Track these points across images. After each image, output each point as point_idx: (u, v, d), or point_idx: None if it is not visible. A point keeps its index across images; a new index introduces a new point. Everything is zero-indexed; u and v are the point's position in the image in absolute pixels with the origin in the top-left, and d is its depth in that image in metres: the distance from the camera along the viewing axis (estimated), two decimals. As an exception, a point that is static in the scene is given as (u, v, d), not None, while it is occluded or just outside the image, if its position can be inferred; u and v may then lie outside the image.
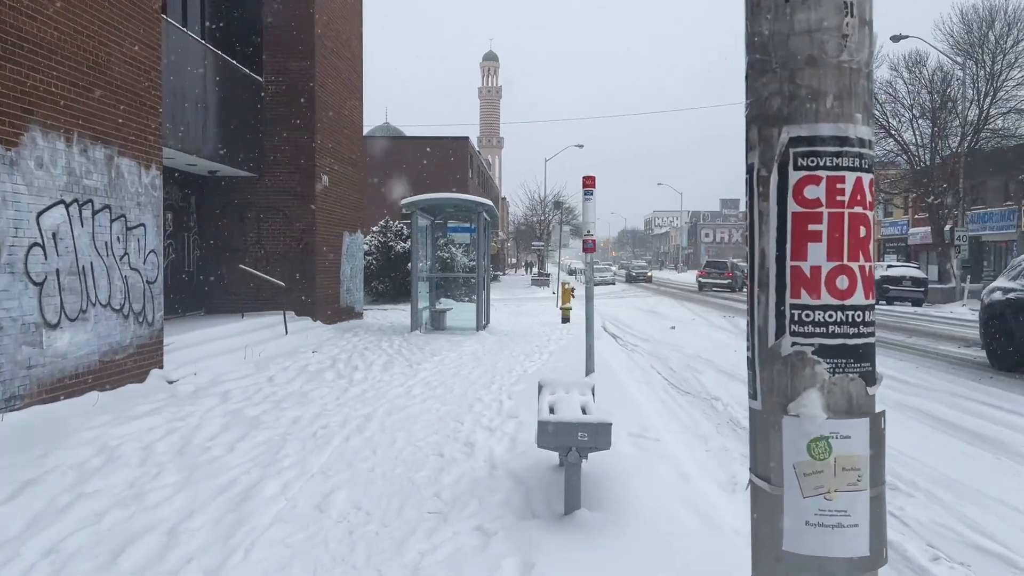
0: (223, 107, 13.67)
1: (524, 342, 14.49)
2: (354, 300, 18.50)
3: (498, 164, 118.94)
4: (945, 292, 32.85)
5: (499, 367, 11.07)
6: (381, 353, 12.27)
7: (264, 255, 15.49)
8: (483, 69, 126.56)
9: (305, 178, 15.51)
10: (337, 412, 7.61)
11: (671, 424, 7.80)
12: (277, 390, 8.78)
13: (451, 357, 11.98)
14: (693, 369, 11.89)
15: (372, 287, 25.18)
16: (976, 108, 34.10)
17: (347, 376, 9.97)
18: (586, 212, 10.02)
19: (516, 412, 7.70)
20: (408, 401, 8.29)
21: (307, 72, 15.49)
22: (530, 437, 6.55)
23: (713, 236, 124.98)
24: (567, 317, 19.40)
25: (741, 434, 7.45)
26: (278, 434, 6.59)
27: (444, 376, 10.10)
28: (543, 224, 62.11)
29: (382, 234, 25.53)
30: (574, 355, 12.35)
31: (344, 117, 17.74)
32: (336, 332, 15.15)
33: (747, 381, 2.49)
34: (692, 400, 9.36)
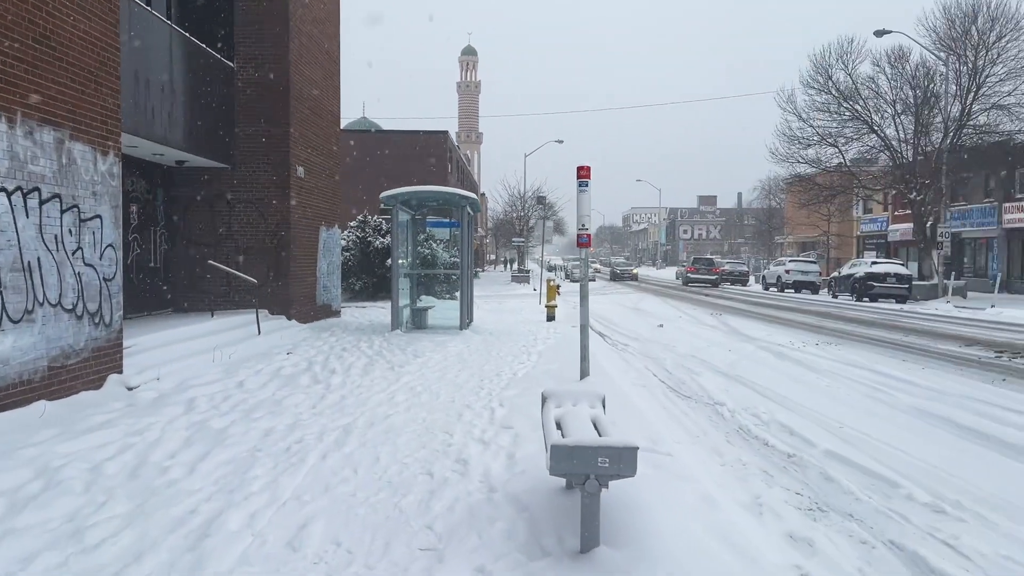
0: (192, 94, 12.85)
1: (510, 342, 13.84)
2: (331, 298, 17.74)
3: (477, 159, 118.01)
4: (927, 289, 32.65)
5: (487, 370, 10.41)
6: (360, 355, 11.55)
7: (236, 250, 14.68)
8: (461, 64, 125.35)
9: (279, 169, 14.72)
10: (313, 423, 6.90)
11: (678, 434, 7.18)
12: (248, 397, 8.05)
13: (435, 359, 11.30)
14: (690, 370, 11.31)
15: (350, 284, 24.40)
16: (959, 104, 33.93)
17: (324, 381, 9.25)
18: (580, 204, 9.37)
19: (510, 421, 7.05)
20: (391, 409, 7.61)
21: (282, 58, 14.69)
22: (529, 451, 5.91)
23: (691, 233, 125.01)
24: (552, 315, 18.80)
25: (754, 445, 6.86)
26: (247, 450, 5.88)
27: (429, 380, 9.42)
28: (523, 220, 61.43)
29: (360, 229, 24.73)
30: (565, 356, 11.74)
31: (321, 106, 16.95)
32: (312, 332, 14.40)
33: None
34: (694, 405, 8.76)
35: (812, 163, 38.95)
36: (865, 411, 8.22)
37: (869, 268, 31.20)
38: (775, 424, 7.58)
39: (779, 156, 39.40)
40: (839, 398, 8.97)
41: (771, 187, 76.43)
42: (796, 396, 9.05)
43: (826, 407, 8.38)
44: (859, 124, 36.80)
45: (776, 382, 10.07)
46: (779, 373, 10.91)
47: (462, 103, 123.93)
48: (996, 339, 15.05)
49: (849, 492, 5.39)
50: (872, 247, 52.84)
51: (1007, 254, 38.65)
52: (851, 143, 37.91)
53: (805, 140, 38.28)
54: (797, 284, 38.93)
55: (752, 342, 14.92)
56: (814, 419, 7.79)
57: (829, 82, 36.85)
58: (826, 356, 12.63)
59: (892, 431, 7.20)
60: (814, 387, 9.72)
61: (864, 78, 36.58)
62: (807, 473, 5.90)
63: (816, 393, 9.30)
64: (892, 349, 13.62)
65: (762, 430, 7.36)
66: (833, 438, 6.94)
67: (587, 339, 9.43)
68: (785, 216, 68.25)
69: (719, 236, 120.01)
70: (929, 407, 8.28)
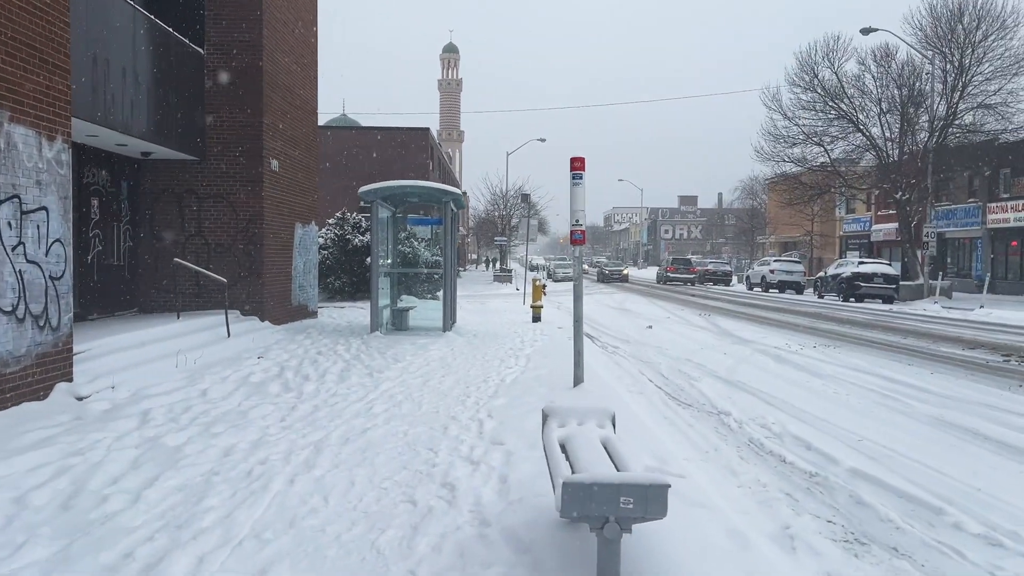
0: (158, 81, 12.04)
1: (496, 344, 13.16)
2: (307, 298, 16.95)
3: (459, 158, 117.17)
4: (913, 289, 32.37)
5: (472, 375, 9.72)
6: (337, 359, 10.82)
7: (206, 247, 13.87)
8: (443, 61, 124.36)
9: (252, 163, 13.91)
10: (281, 439, 6.18)
11: (687, 450, 6.54)
12: (210, 408, 7.30)
13: (417, 363, 10.59)
14: (687, 376, 10.69)
15: (328, 283, 23.58)
16: (945, 103, 33.69)
17: (296, 389, 8.52)
18: (574, 199, 8.71)
19: (501, 436, 6.36)
20: (369, 422, 6.90)
21: (255, 45, 13.89)
22: (524, 473, 5.24)
23: (672, 232, 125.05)
24: (538, 316, 18.13)
25: (771, 462, 6.23)
26: (202, 474, 5.15)
27: (410, 388, 8.71)
28: (505, 219, 60.71)
29: (339, 226, 23.91)
30: (554, 360, 11.08)
31: (296, 97, 16.16)
32: (287, 334, 13.62)
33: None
34: (698, 415, 8.13)
35: (798, 162, 38.62)
36: (881, 421, 7.62)
37: (856, 268, 30.84)
38: (788, 437, 6.96)
39: (764, 155, 39.07)
40: (851, 406, 8.37)
41: (753, 187, 76.43)
42: (805, 404, 8.44)
43: (839, 417, 7.77)
44: (845, 123, 36.52)
45: (780, 389, 9.47)
46: (781, 379, 10.32)
47: (443, 101, 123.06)
48: (998, 342, 14.58)
49: (888, 520, 4.76)
50: (855, 247, 52.72)
51: (991, 254, 38.55)
52: (836, 142, 37.64)
53: (791, 139, 37.95)
54: (782, 284, 38.57)
55: (747, 344, 14.35)
56: (829, 431, 7.19)
57: (815, 80, 36.53)
58: (827, 360, 12.06)
59: (918, 445, 6.60)
60: (822, 394, 9.13)
61: (850, 76, 36.33)
62: (835, 496, 5.27)
63: (825, 401, 8.70)
64: (893, 352, 13.09)
65: (776, 444, 6.73)
66: (855, 454, 6.33)
67: (581, 343, 8.77)
68: (767, 216, 68.06)
69: (700, 236, 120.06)
70: (950, 417, 7.70)
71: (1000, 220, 37.26)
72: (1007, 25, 32.28)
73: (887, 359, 12.16)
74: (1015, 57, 32.22)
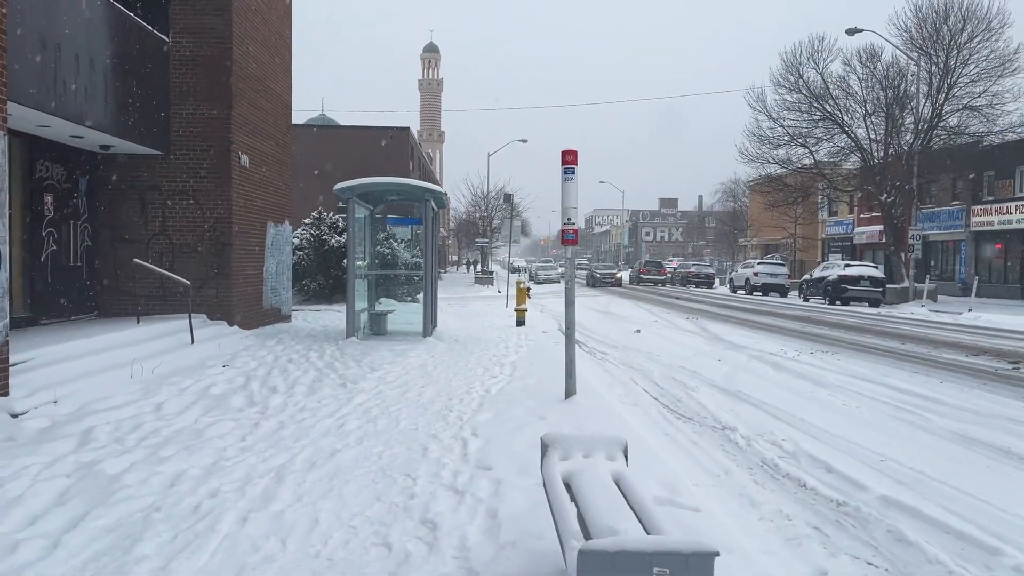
0: (117, 69, 11.22)
1: (479, 351, 12.46)
2: (280, 301, 16.15)
3: (439, 159, 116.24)
4: (898, 292, 32.07)
5: (455, 385, 9.01)
6: (309, 367, 10.06)
7: (170, 247, 13.05)
8: (423, 61, 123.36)
9: (220, 157, 13.11)
10: (238, 464, 5.44)
11: (695, 473, 5.87)
12: (162, 426, 6.54)
13: (395, 372, 9.86)
14: (683, 385, 10.05)
15: (303, 285, 22.76)
16: (930, 105, 33.44)
17: (261, 402, 7.77)
18: (566, 195, 8.03)
19: (488, 459, 5.66)
20: (339, 441, 6.18)
21: (224, 32, 13.10)
22: (516, 507, 4.55)
23: (654, 235, 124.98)
24: (522, 320, 17.44)
25: (789, 487, 5.58)
26: (141, 510, 4.41)
27: (387, 400, 7.99)
28: (486, 220, 59.99)
29: (315, 226, 23.08)
30: (542, 368, 10.40)
31: (269, 89, 15.37)
32: (257, 339, 12.83)
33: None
34: (700, 430, 7.48)
35: (782, 163, 38.24)
36: (901, 438, 7.01)
37: (842, 271, 30.41)
38: (804, 457, 6.32)
39: (749, 156, 38.66)
40: (864, 420, 7.76)
41: (734, 189, 76.28)
42: (814, 418, 7.82)
43: (854, 433, 7.15)
44: (830, 124, 36.18)
45: (785, 400, 8.85)
46: (783, 388, 9.70)
47: (424, 101, 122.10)
48: (1001, 348, 14.09)
49: (937, 562, 4.13)
50: (837, 250, 52.54)
51: (975, 257, 38.42)
52: (821, 143, 37.30)
53: (775, 140, 37.57)
54: (766, 287, 38.18)
55: (740, 350, 13.76)
56: (847, 449, 6.56)
57: (800, 81, 36.17)
58: (828, 367, 11.48)
59: (947, 466, 5.99)
60: (830, 406, 8.52)
61: (835, 77, 36.01)
62: (871, 531, 4.63)
63: (835, 414, 8.09)
64: (894, 359, 12.54)
65: (791, 465, 6.09)
66: (882, 477, 5.69)
67: (573, 351, 8.09)
68: (749, 218, 67.85)
69: (681, 238, 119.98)
70: (973, 432, 7.11)
71: (984, 223, 37.15)
72: (992, 27, 32.05)
73: (890, 366, 11.59)
74: (1000, 59, 32.01)
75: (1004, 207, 35.73)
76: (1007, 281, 35.79)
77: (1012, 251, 36.35)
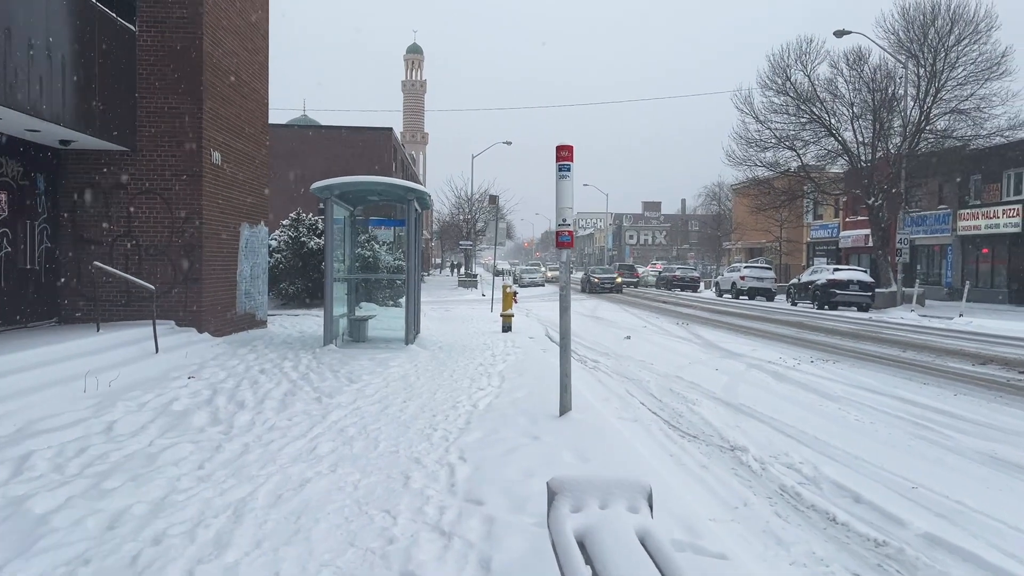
0: (78, 58, 10.47)
1: (465, 359, 11.81)
2: (255, 305, 15.39)
3: (423, 160, 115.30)
4: (886, 297, 31.73)
5: (439, 399, 8.35)
6: (282, 379, 9.35)
7: (136, 249, 12.28)
8: (407, 62, 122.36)
9: (190, 154, 12.37)
10: (192, 498, 4.75)
11: (710, 505, 5.24)
12: (111, 450, 5.83)
13: (375, 384, 9.18)
14: (682, 397, 9.44)
15: (282, 289, 21.98)
16: (918, 108, 33.19)
17: (226, 420, 7.06)
18: (561, 193, 7.40)
19: (477, 490, 5.01)
20: (310, 469, 5.50)
21: (195, 22, 12.36)
22: (513, 552, 3.90)
23: (637, 238, 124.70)
24: (508, 325, 16.81)
25: (818, 522, 4.97)
26: (65, 563, 3.71)
27: (366, 417, 7.32)
28: (470, 222, 59.29)
29: (293, 228, 22.30)
30: (532, 379, 9.77)
31: (244, 84, 14.63)
32: (228, 347, 12.10)
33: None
34: (708, 451, 6.86)
35: (770, 166, 37.86)
36: (927, 460, 6.43)
37: (831, 275, 30.02)
38: (827, 483, 5.72)
39: (736, 159, 38.27)
40: (882, 439, 7.18)
41: (718, 193, 76.12)
42: (827, 435, 7.24)
43: (875, 453, 6.57)
44: (817, 127, 35.86)
45: (793, 414, 8.26)
46: (789, 401, 9.12)
47: (407, 102, 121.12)
48: (1007, 356, 13.61)
49: (1007, 622, 3.52)
50: (823, 254, 52.31)
51: (961, 262, 38.24)
52: (809, 146, 36.97)
53: (763, 143, 37.20)
54: (752, 291, 37.78)
55: (737, 358, 13.19)
56: (871, 474, 5.97)
57: (787, 83, 35.83)
58: (832, 377, 10.93)
59: (988, 495, 5.40)
60: (842, 422, 7.94)
61: (823, 80, 35.69)
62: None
63: (849, 431, 7.50)
64: (899, 368, 12.01)
65: (815, 494, 5.48)
66: (918, 509, 5.10)
67: (568, 364, 7.44)
68: (733, 221, 67.64)
69: (665, 241, 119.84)
70: (1004, 453, 6.55)
71: (971, 227, 36.94)
72: (980, 29, 31.85)
73: (897, 377, 11.05)
74: (988, 62, 31.80)
75: (991, 211, 35.54)
76: (993, 286, 35.59)
77: (999, 256, 36.17)
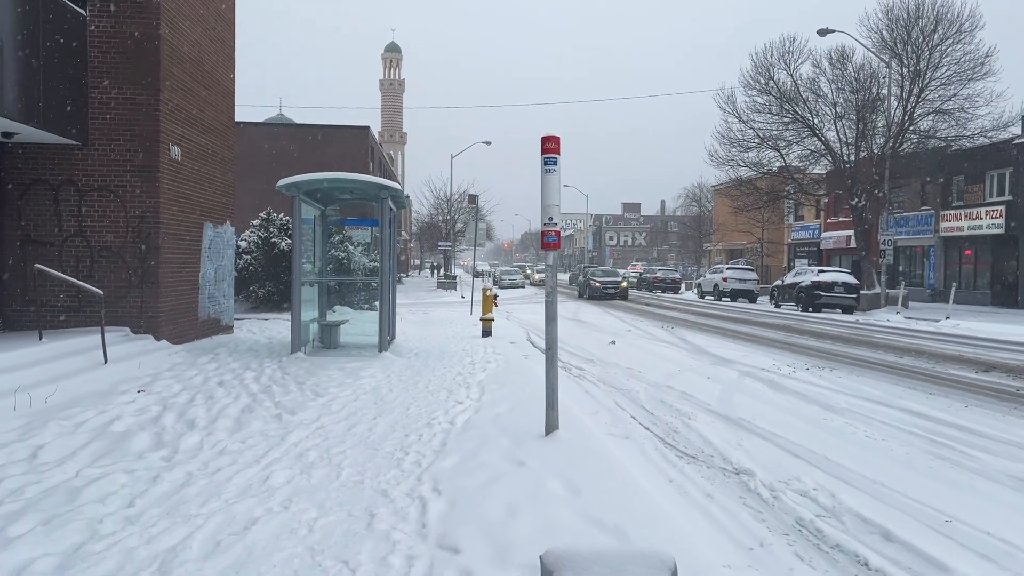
0: (24, 45, 9.62)
1: (442, 367, 11.08)
2: (220, 310, 14.55)
3: (401, 160, 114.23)
4: (870, 299, 31.37)
5: (413, 415, 7.62)
6: (241, 392, 8.56)
7: (88, 250, 11.42)
8: (385, 61, 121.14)
9: (147, 149, 11.53)
10: (112, 548, 3.98)
11: (722, 545, 4.54)
12: (29, 483, 5.04)
13: (342, 398, 8.42)
14: (676, 410, 8.77)
15: (251, 292, 21.09)
16: (901, 108, 32.87)
17: (171, 443, 6.28)
18: (547, 189, 6.69)
19: (452, 533, 4.29)
20: (260, 505, 4.74)
21: (151, 6, 11.52)
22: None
23: (617, 239, 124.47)
24: (489, 330, 16.09)
25: (844, 564, 4.30)
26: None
27: (330, 438, 6.56)
28: (449, 223, 58.47)
29: (263, 228, 21.42)
30: (514, 390, 9.05)
31: (207, 74, 13.78)
32: (188, 356, 11.27)
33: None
34: (711, 476, 6.17)
35: (753, 166, 37.41)
36: (955, 486, 5.79)
37: (816, 277, 29.61)
38: (849, 516, 5.05)
39: (718, 159, 37.76)
40: (901, 459, 6.54)
41: (698, 194, 75.90)
42: (840, 456, 6.58)
43: (896, 478, 5.92)
44: (800, 127, 35.45)
45: (797, 430, 7.61)
46: (791, 415, 8.48)
47: (385, 101, 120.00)
48: (1007, 362, 13.09)
49: None
50: (804, 255, 52.10)
51: (944, 263, 38.05)
52: (792, 146, 36.55)
53: (745, 143, 36.72)
54: (735, 292, 37.34)
55: (728, 365, 12.57)
56: (896, 503, 5.31)
57: (770, 82, 35.39)
58: (831, 387, 10.31)
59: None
60: (852, 439, 7.29)
61: (806, 79, 35.29)
62: (985, 648, 3.36)
63: (862, 450, 6.86)
64: (900, 376, 11.43)
65: (837, 530, 4.81)
66: (961, 550, 4.45)
67: (555, 378, 6.73)
68: (714, 222, 67.37)
69: (645, 243, 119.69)
70: (1037, 477, 5.93)
71: (953, 228, 36.76)
72: (964, 29, 31.58)
73: (899, 386, 10.46)
74: (972, 62, 31.54)
75: (974, 212, 35.36)
76: (976, 287, 35.40)
77: (982, 257, 36.01)
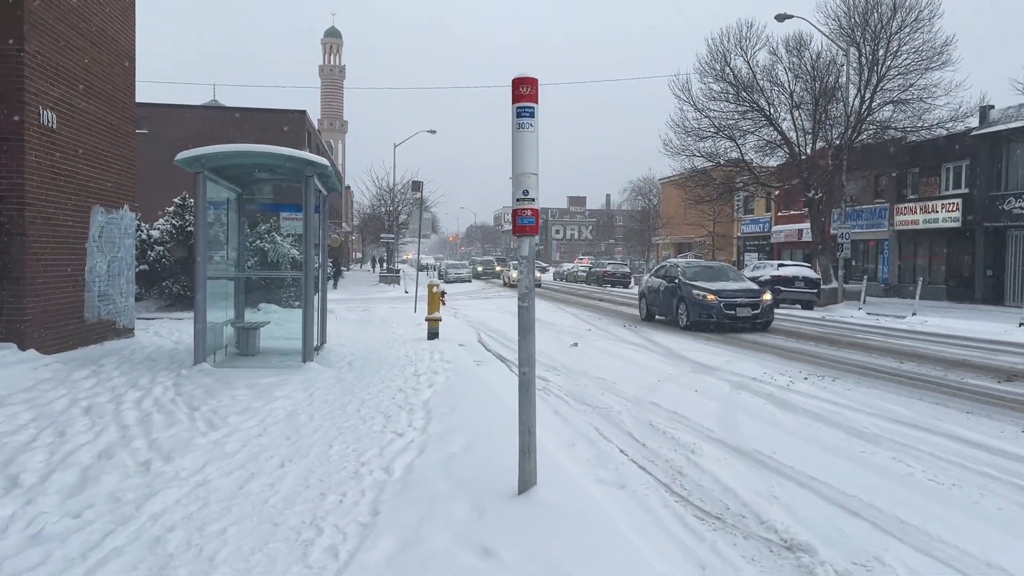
0: None
1: (379, 380, 9.14)
2: (116, 310, 12.27)
3: (342, 150, 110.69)
4: (827, 294, 30.42)
5: (334, 458, 5.66)
6: (108, 424, 6.47)
7: (-69, 239, 9.10)
8: (324, 46, 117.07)
9: (7, 112, 9.25)
10: None
11: None
12: None
13: (244, 430, 6.40)
14: (672, 439, 6.99)
15: (164, 288, 18.66)
16: (859, 98, 31.97)
17: (-38, 522, 4.20)
18: (521, 150, 4.80)
19: None
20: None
21: (13, -64, 9.23)
22: None
23: (563, 233, 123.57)
24: (435, 331, 14.13)
25: None
26: None
27: (210, 504, 4.57)
28: (392, 215, 56.08)
29: (178, 216, 18.99)
30: (469, 414, 7.16)
31: (95, 29, 11.47)
32: (61, 370, 9.05)
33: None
34: (754, 553, 4.36)
35: (708, 156, 36.14)
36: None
37: (776, 271, 28.43)
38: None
39: (673, 148, 36.39)
40: (993, 519, 4.87)
41: (644, 188, 75.05)
42: (913, 515, 4.87)
43: (1012, 554, 4.24)
44: (757, 116, 34.28)
45: (836, 470, 5.89)
46: (817, 445, 6.78)
47: (325, 89, 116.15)
48: (1017, 367, 11.75)
49: None
50: (754, 249, 51.43)
51: (898, 257, 37.49)
52: (748, 136, 35.40)
53: (701, 132, 35.41)
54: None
55: (711, 373, 10.91)
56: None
57: (727, 69, 34.12)
58: (845, 403, 8.68)
59: None
60: (915, 486, 5.59)
61: (763, 67, 34.12)
62: None
63: (938, 504, 5.16)
64: (911, 387, 9.90)
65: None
66: None
67: (532, 415, 4.84)
68: (663, 216, 66.44)
69: (591, 236, 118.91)
70: None
71: (908, 222, 36.19)
72: (922, 17, 30.78)
73: (922, 401, 8.89)
74: (931, 50, 30.77)
75: (930, 206, 34.78)
76: (932, 282, 34.82)
77: (937, 251, 35.50)
